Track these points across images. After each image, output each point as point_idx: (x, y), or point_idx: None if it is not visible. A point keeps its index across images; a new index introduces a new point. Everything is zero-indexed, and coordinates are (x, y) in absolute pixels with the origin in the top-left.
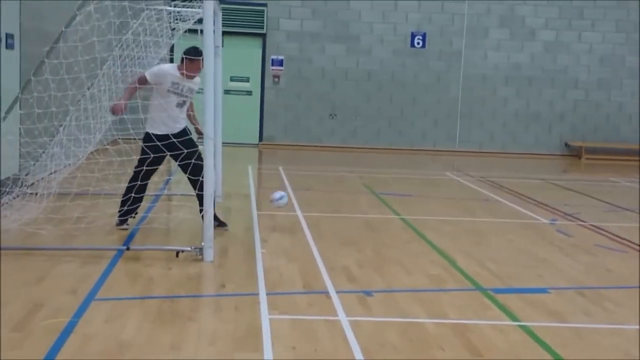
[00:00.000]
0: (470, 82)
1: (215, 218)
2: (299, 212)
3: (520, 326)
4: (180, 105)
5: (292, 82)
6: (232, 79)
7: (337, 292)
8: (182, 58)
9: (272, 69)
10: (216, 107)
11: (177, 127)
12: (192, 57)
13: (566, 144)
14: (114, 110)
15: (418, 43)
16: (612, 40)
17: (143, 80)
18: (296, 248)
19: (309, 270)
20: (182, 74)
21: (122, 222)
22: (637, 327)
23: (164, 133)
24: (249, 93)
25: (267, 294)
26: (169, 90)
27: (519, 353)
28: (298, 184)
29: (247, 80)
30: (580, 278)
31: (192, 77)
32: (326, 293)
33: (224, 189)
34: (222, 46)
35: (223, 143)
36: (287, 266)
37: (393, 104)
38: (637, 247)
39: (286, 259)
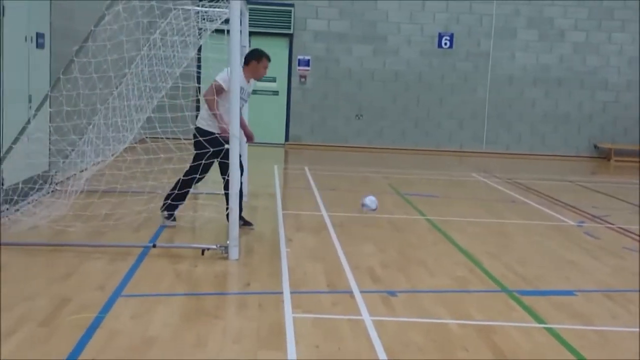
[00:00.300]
0: (498, 83)
1: (241, 217)
2: (324, 212)
3: (546, 328)
4: (241, 108)
5: (319, 82)
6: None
7: (361, 291)
8: (249, 60)
9: (299, 69)
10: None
11: None
12: (259, 59)
13: (595, 146)
14: (225, 137)
15: (445, 44)
16: None
17: (221, 89)
18: (321, 247)
19: (333, 269)
20: (248, 78)
21: (170, 215)
22: None
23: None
24: (276, 93)
25: (291, 293)
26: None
27: (543, 355)
28: (323, 184)
29: (273, 80)
30: (608, 281)
31: (258, 79)
32: (350, 293)
33: (250, 188)
34: (249, 46)
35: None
36: (312, 265)
37: (420, 105)
38: None
39: (311, 259)
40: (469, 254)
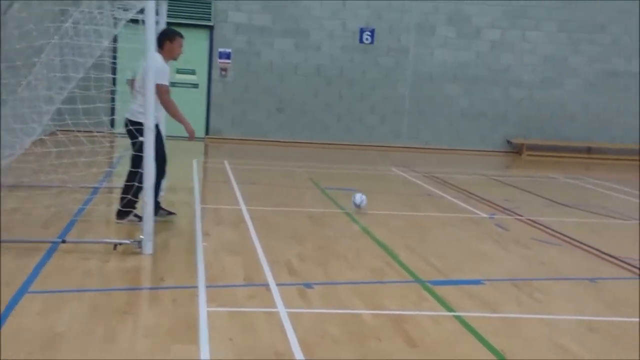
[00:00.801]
0: (418, 80)
1: (160, 207)
2: (243, 206)
3: (455, 316)
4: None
5: (240, 75)
6: (178, 71)
7: (278, 284)
8: (162, 42)
9: (220, 62)
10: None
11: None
12: (172, 38)
13: (508, 141)
14: (193, 135)
15: (367, 39)
16: (556, 40)
17: (166, 89)
18: (239, 241)
19: (250, 263)
20: (167, 60)
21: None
22: (566, 317)
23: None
24: (196, 86)
25: (207, 287)
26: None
27: (452, 342)
28: (243, 178)
29: (193, 73)
30: (515, 270)
31: (175, 59)
32: (267, 286)
33: (168, 183)
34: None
35: (167, 136)
36: (229, 259)
37: (342, 100)
38: (571, 241)
39: (228, 252)
40: (386, 247)
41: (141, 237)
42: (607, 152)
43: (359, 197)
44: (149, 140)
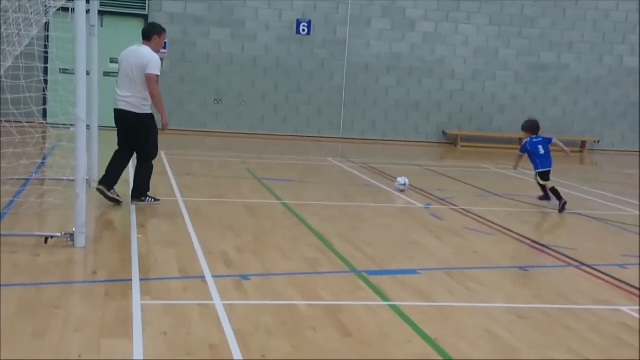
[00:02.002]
0: (354, 71)
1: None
2: (179, 197)
3: (390, 306)
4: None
5: (176, 65)
6: (112, 61)
7: (214, 276)
8: (151, 35)
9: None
10: (91, 88)
11: None
12: (160, 33)
13: (443, 132)
14: (167, 126)
15: (304, 30)
16: (486, 33)
17: (157, 79)
18: (174, 233)
19: (186, 255)
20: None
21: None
22: (497, 305)
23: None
24: (114, 75)
25: (141, 280)
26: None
27: (387, 331)
28: (179, 169)
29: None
30: (448, 259)
31: (158, 52)
32: (202, 278)
33: (100, 174)
34: (102, 26)
35: (101, 126)
36: (164, 251)
37: (278, 90)
38: (503, 230)
39: (163, 245)
40: (321, 237)
41: (73, 229)
42: None
43: (402, 180)
44: (80, 132)
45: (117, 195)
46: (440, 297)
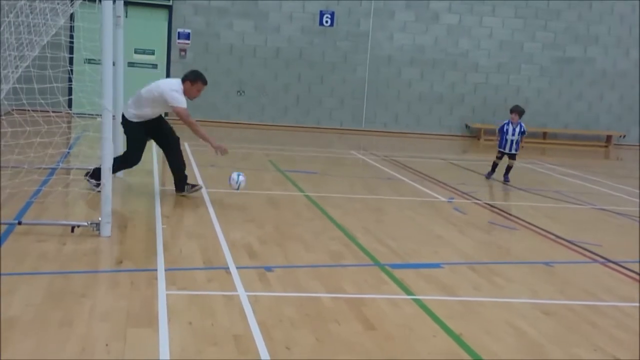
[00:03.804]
0: (377, 63)
1: (187, 183)
2: (203, 189)
3: (414, 299)
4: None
5: (199, 56)
6: (136, 52)
7: (238, 268)
8: (185, 80)
9: (179, 43)
10: (117, 79)
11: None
12: (194, 80)
13: (466, 126)
14: (223, 152)
15: (327, 22)
16: (511, 26)
17: (187, 112)
18: (198, 224)
19: (210, 246)
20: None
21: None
22: (522, 300)
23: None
24: (154, 66)
25: (166, 270)
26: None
27: (410, 325)
28: (203, 160)
29: (152, 53)
30: (472, 254)
31: (191, 99)
32: (226, 269)
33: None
34: (126, 16)
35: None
36: (188, 242)
37: (301, 82)
38: (527, 225)
39: (187, 235)
40: (344, 230)
41: (99, 219)
42: (561, 137)
43: (236, 178)
44: (106, 122)
45: (191, 186)
46: (464, 292)
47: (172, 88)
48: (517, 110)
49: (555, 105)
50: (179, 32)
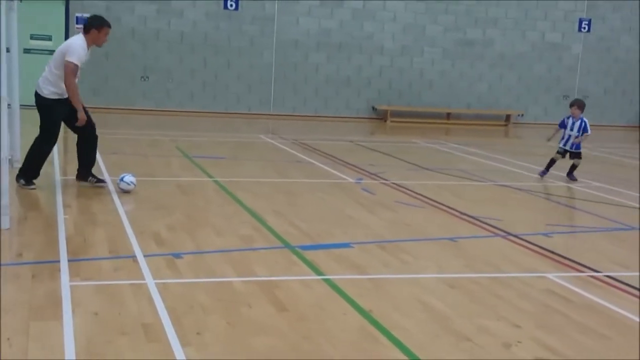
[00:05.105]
0: (284, 47)
1: (92, 175)
2: (106, 177)
3: (325, 280)
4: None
5: None
6: (32, 37)
7: (145, 256)
8: (89, 28)
9: (77, 28)
10: (11, 66)
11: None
12: (99, 26)
13: (373, 108)
14: (82, 122)
15: (231, 5)
16: (414, 9)
17: (77, 70)
18: (103, 213)
19: (115, 235)
20: (89, 45)
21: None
22: (429, 275)
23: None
24: (52, 52)
25: (69, 261)
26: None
27: (322, 305)
28: (106, 148)
29: (49, 38)
30: (381, 232)
31: (100, 46)
32: (133, 257)
33: (23, 154)
34: (21, 1)
35: (23, 105)
36: (93, 232)
37: (207, 67)
38: (433, 203)
39: (91, 225)
40: (255, 213)
41: None
42: (464, 117)
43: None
44: (2, 110)
45: (96, 179)
46: (374, 270)
47: (75, 42)
48: (577, 104)
49: (458, 86)
50: (77, 17)
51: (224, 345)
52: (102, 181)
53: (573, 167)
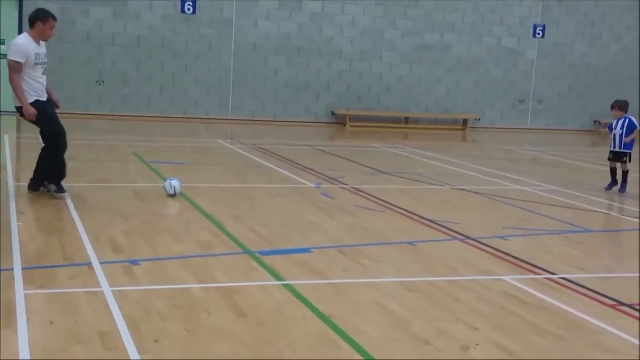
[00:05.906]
0: (242, 51)
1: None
2: (62, 183)
3: (285, 285)
4: (45, 72)
5: (54, 45)
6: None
7: (101, 263)
8: (34, 22)
9: None
10: None
11: (46, 95)
12: (45, 20)
13: (332, 112)
14: (30, 117)
15: (189, 9)
16: (373, 13)
17: (19, 67)
18: (57, 220)
19: (71, 242)
20: (38, 40)
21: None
22: (388, 279)
23: (37, 99)
24: (5, 57)
25: (23, 269)
26: (36, 64)
27: (282, 310)
28: None
29: (2, 43)
30: (341, 237)
31: (46, 40)
32: (89, 265)
33: None
34: None
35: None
36: (47, 239)
37: (164, 71)
38: (392, 207)
39: (46, 232)
40: (214, 219)
41: None
42: (423, 121)
43: (171, 185)
44: None
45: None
46: (333, 275)
47: (17, 41)
48: (617, 105)
49: (416, 91)
50: None
51: (183, 352)
52: (63, 191)
53: (624, 175)
